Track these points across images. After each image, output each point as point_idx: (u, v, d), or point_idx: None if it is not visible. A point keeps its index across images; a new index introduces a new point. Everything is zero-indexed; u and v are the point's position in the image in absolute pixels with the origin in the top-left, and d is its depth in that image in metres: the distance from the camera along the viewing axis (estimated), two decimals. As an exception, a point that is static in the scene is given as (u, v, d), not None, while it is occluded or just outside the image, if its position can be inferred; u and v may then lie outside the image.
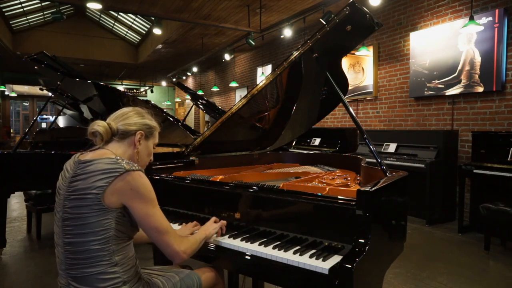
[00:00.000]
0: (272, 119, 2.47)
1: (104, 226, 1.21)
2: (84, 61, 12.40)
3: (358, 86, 6.32)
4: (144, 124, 1.42)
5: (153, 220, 1.25)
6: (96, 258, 1.21)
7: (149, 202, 1.25)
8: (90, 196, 1.21)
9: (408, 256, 3.41)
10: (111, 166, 1.23)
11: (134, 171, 1.24)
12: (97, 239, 1.21)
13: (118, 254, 1.25)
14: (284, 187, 1.63)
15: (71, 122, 6.22)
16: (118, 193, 1.22)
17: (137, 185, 1.23)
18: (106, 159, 1.27)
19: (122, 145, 1.38)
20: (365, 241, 1.24)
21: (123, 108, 1.45)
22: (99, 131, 1.32)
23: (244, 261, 1.42)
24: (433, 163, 4.41)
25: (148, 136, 1.44)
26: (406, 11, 5.53)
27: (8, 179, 3.27)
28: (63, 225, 1.25)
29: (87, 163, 1.27)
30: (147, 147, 1.45)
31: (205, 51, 9.80)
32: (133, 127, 1.39)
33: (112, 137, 1.37)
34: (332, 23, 1.74)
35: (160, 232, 1.26)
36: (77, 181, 1.25)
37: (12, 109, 15.99)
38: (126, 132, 1.37)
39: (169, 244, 1.27)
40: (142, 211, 1.23)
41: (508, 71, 4.28)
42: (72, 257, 1.23)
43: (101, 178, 1.22)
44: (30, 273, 3.06)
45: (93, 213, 1.21)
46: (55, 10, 6.10)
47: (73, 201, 1.23)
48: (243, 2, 6.58)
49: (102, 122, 1.35)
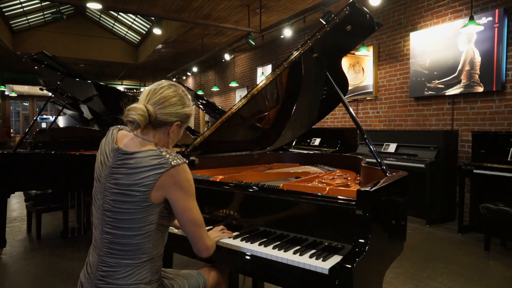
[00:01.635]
0: (272, 119, 2.47)
1: (148, 221, 1.21)
2: (84, 61, 12.41)
3: (358, 86, 6.32)
4: (184, 114, 1.33)
5: (192, 214, 1.26)
6: (137, 251, 1.21)
7: (190, 196, 1.25)
8: (136, 193, 1.19)
9: (408, 256, 3.41)
10: (157, 161, 1.20)
11: (180, 165, 1.21)
12: (141, 234, 1.21)
13: (155, 247, 1.25)
14: (284, 187, 1.63)
15: (71, 122, 6.21)
16: (163, 188, 1.20)
17: (181, 180, 1.22)
18: (150, 151, 1.22)
19: (157, 133, 1.31)
20: (365, 241, 1.24)
21: (162, 87, 1.30)
22: (138, 120, 1.22)
23: (244, 261, 1.42)
24: (433, 163, 4.41)
25: (182, 124, 1.37)
26: (406, 11, 5.53)
27: (8, 179, 3.27)
28: (104, 214, 1.23)
29: (129, 156, 1.22)
30: (178, 134, 1.40)
31: (205, 51, 9.80)
32: (172, 118, 1.30)
33: (148, 123, 1.27)
34: (332, 23, 1.74)
35: (196, 225, 1.27)
36: (119, 174, 1.21)
37: (12, 109, 16.00)
38: (165, 122, 1.29)
39: (202, 237, 1.29)
40: (184, 204, 1.23)
41: (508, 71, 4.28)
42: (111, 246, 1.22)
43: (149, 175, 1.19)
44: (30, 273, 3.06)
45: (138, 210, 1.20)
46: (55, 10, 6.11)
47: (116, 195, 1.21)
48: (243, 2, 6.58)
49: (141, 108, 1.23)
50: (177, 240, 1.62)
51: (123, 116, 1.25)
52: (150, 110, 1.25)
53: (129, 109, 1.23)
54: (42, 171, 3.43)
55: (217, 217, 1.70)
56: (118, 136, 1.32)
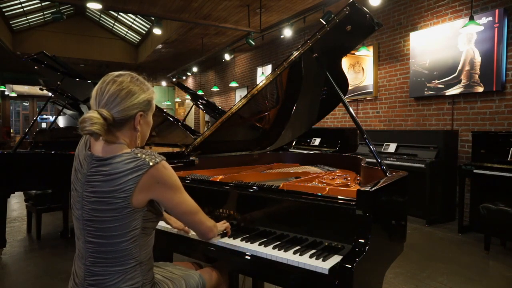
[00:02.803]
0: (272, 119, 2.47)
1: (132, 227, 1.16)
2: (84, 61, 12.40)
3: (358, 86, 6.32)
4: (143, 101, 1.22)
5: (185, 206, 1.27)
6: (124, 257, 1.17)
7: (177, 190, 1.23)
8: (117, 200, 1.13)
9: (408, 256, 3.41)
10: (133, 163, 1.14)
11: (158, 163, 1.17)
12: (125, 240, 1.16)
13: (143, 251, 1.22)
14: (284, 187, 1.63)
15: (71, 122, 6.22)
16: (145, 189, 1.15)
17: (164, 178, 1.18)
18: (124, 155, 1.15)
19: (124, 131, 1.21)
20: (365, 241, 1.24)
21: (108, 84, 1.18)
22: (95, 131, 1.10)
23: (244, 261, 1.42)
24: (433, 163, 4.41)
25: (146, 112, 1.26)
26: (406, 11, 5.53)
27: (8, 179, 3.27)
28: (85, 224, 1.18)
29: (103, 162, 1.16)
30: (147, 122, 1.29)
31: (205, 51, 9.80)
32: (131, 111, 1.19)
33: (110, 126, 1.16)
34: (332, 23, 1.74)
35: (192, 213, 1.30)
36: (96, 182, 1.15)
37: (12, 109, 16.00)
38: (125, 118, 1.19)
39: (202, 221, 1.32)
40: (174, 200, 1.23)
41: (508, 71, 4.28)
42: (96, 255, 1.18)
43: (127, 179, 1.13)
44: (30, 273, 3.05)
45: (120, 216, 1.14)
46: (55, 10, 6.11)
47: (96, 204, 1.15)
48: (243, 2, 6.58)
49: (94, 116, 1.10)
50: (176, 240, 1.62)
51: (79, 130, 1.13)
52: (104, 114, 1.13)
53: (82, 120, 1.10)
54: (42, 171, 3.43)
55: (217, 217, 1.70)
56: (92, 141, 1.23)
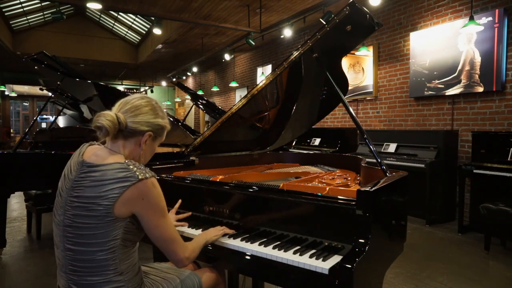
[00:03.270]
0: (272, 119, 2.47)
1: (111, 236, 1.15)
2: (84, 61, 12.40)
3: (358, 86, 6.32)
4: (156, 124, 1.30)
5: (163, 231, 1.21)
6: (102, 268, 1.16)
7: (159, 213, 1.19)
8: (99, 207, 1.13)
9: (408, 256, 3.41)
10: (123, 174, 1.14)
11: (148, 179, 1.16)
12: (103, 249, 1.15)
13: (124, 262, 1.20)
14: (284, 187, 1.63)
15: (71, 122, 6.22)
16: (129, 202, 1.14)
17: (149, 195, 1.16)
18: (116, 164, 1.17)
19: (128, 143, 1.27)
20: (365, 241, 1.24)
21: (133, 98, 1.29)
22: (106, 126, 1.18)
23: (244, 261, 1.42)
24: (433, 163, 4.41)
25: (156, 137, 1.33)
26: (406, 11, 5.53)
27: (8, 179, 3.27)
28: (64, 230, 1.18)
29: (94, 168, 1.18)
30: (152, 147, 1.35)
31: (205, 51, 9.80)
32: (143, 127, 1.26)
33: (119, 132, 1.24)
34: (332, 23, 1.74)
35: (167, 242, 1.23)
36: (82, 187, 1.16)
37: (12, 109, 16.00)
38: (135, 132, 1.26)
39: (176, 252, 1.25)
40: (153, 222, 1.19)
41: (508, 71, 4.28)
42: (74, 264, 1.17)
43: (113, 188, 1.13)
44: (30, 273, 3.05)
45: (100, 224, 1.14)
46: (55, 10, 6.10)
47: (77, 209, 1.15)
48: (243, 2, 6.58)
49: (110, 114, 1.20)
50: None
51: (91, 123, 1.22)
52: (120, 118, 1.22)
53: (98, 115, 1.20)
54: (42, 171, 3.42)
55: (217, 217, 1.70)
56: (87, 150, 1.27)
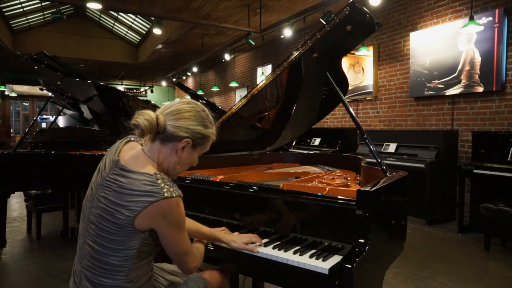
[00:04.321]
0: (272, 119, 2.47)
1: (128, 246, 1.14)
2: (84, 61, 12.40)
3: (358, 86, 6.32)
4: (197, 132, 1.22)
5: (179, 246, 1.20)
6: (113, 272, 1.16)
7: (179, 230, 1.18)
8: (120, 215, 1.12)
9: (408, 256, 3.41)
10: (149, 188, 1.11)
11: (173, 199, 1.12)
12: (117, 256, 1.15)
13: (135, 271, 1.19)
14: (284, 187, 1.63)
15: (71, 122, 6.21)
16: (150, 218, 1.12)
17: (172, 215, 1.14)
18: (145, 175, 1.13)
19: (164, 148, 1.21)
20: (365, 241, 1.24)
21: (178, 102, 1.24)
22: (142, 125, 1.13)
23: (244, 261, 1.42)
24: (433, 163, 4.41)
25: (196, 146, 1.25)
26: (406, 11, 5.53)
27: (8, 179, 3.27)
28: (88, 225, 1.19)
29: (124, 172, 1.15)
30: (191, 157, 1.27)
31: (205, 51, 9.80)
32: (182, 133, 1.20)
33: (157, 134, 1.19)
34: (332, 23, 1.74)
35: (182, 254, 1.23)
36: (110, 190, 1.15)
37: (12, 109, 15.99)
38: (173, 136, 1.19)
39: (187, 263, 1.25)
40: (171, 237, 1.17)
41: (508, 71, 4.28)
42: (90, 260, 1.17)
43: (136, 200, 1.11)
44: (30, 273, 3.05)
45: (119, 232, 1.13)
46: (55, 10, 6.10)
47: (102, 210, 1.15)
48: (243, 2, 6.58)
49: (149, 114, 1.15)
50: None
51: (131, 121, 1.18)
52: (159, 119, 1.17)
53: (139, 113, 1.16)
54: (42, 171, 3.43)
55: (217, 217, 1.70)
56: (124, 148, 1.25)
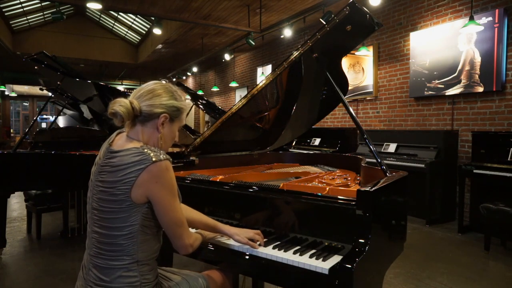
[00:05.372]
0: (272, 119, 2.47)
1: (130, 222, 1.20)
2: (84, 61, 12.41)
3: (358, 86, 6.32)
4: (171, 106, 1.30)
5: (173, 214, 1.23)
6: (120, 252, 1.20)
7: (172, 195, 1.23)
8: (118, 192, 1.18)
9: (408, 256, 3.41)
10: (138, 158, 1.19)
11: (161, 162, 1.20)
12: (123, 234, 1.20)
13: (142, 251, 1.23)
14: (284, 187, 1.63)
15: (71, 122, 6.21)
16: (143, 185, 1.18)
17: (163, 178, 1.20)
18: (133, 149, 1.22)
19: (146, 128, 1.29)
20: (365, 241, 1.24)
21: (146, 84, 1.32)
22: (120, 112, 1.21)
23: (244, 261, 1.42)
24: (433, 163, 4.41)
25: (173, 119, 1.33)
26: (406, 11, 5.53)
27: (8, 179, 3.27)
28: (92, 213, 1.25)
29: (114, 154, 1.23)
30: (171, 130, 1.35)
31: (205, 51, 9.80)
32: (158, 109, 1.28)
33: (135, 118, 1.27)
34: (332, 23, 1.74)
35: (176, 225, 1.25)
36: (105, 173, 1.22)
37: (12, 109, 16.00)
38: (150, 115, 1.28)
39: (182, 236, 1.27)
40: (165, 204, 1.22)
41: (508, 71, 4.28)
42: (98, 246, 1.23)
43: (128, 172, 1.18)
44: (30, 273, 3.05)
45: (120, 209, 1.19)
46: (55, 10, 6.11)
47: (101, 193, 1.22)
48: (243, 2, 6.58)
49: (124, 101, 1.23)
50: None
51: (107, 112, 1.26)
52: (133, 103, 1.25)
53: (113, 102, 1.24)
54: (42, 171, 3.43)
55: (217, 217, 1.70)
56: (116, 137, 1.33)
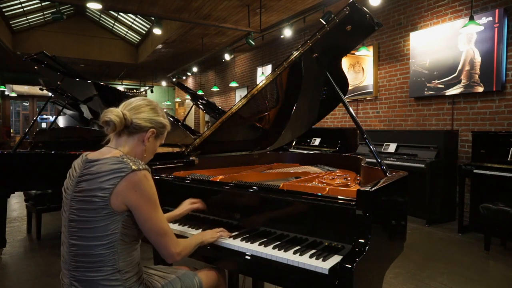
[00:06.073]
0: (272, 119, 2.47)
1: (110, 230, 1.19)
2: (84, 61, 12.40)
3: (358, 86, 6.32)
4: (159, 122, 1.37)
5: (154, 224, 1.23)
6: (100, 263, 1.19)
7: (152, 205, 1.22)
8: (96, 199, 1.18)
9: (408, 256, 3.41)
10: (117, 166, 1.20)
11: (140, 171, 1.21)
12: (102, 244, 1.19)
13: (122, 260, 1.22)
14: (284, 187, 1.63)
15: (71, 122, 6.22)
16: (122, 193, 1.18)
17: (141, 187, 1.20)
18: (112, 158, 1.23)
19: (131, 140, 1.33)
20: (365, 241, 1.24)
21: (136, 99, 1.38)
22: (113, 120, 1.26)
23: (244, 261, 1.42)
24: (433, 163, 4.41)
25: (158, 135, 1.40)
26: (406, 11, 5.53)
27: (8, 179, 3.27)
28: (69, 226, 1.24)
29: (93, 163, 1.24)
30: (154, 145, 1.42)
31: (205, 51, 9.79)
32: (147, 124, 1.34)
33: (124, 129, 1.31)
34: (332, 23, 1.74)
35: (159, 234, 1.25)
36: (83, 182, 1.22)
37: (12, 109, 15.99)
38: (139, 128, 1.32)
39: (167, 245, 1.26)
40: (145, 214, 1.21)
41: (508, 71, 4.28)
42: (76, 259, 1.21)
43: (107, 179, 1.18)
44: (30, 273, 3.05)
45: (100, 217, 1.18)
46: (55, 10, 6.10)
47: (80, 203, 1.21)
48: (243, 2, 6.58)
49: (117, 110, 1.28)
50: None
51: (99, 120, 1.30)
52: (126, 114, 1.29)
53: (106, 111, 1.27)
54: (42, 171, 3.42)
55: (217, 217, 1.70)
56: (89, 154, 1.34)
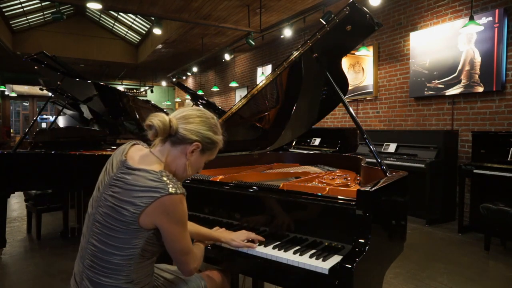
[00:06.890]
0: (272, 119, 2.47)
1: (132, 244, 1.16)
2: (84, 61, 12.40)
3: (358, 86, 6.32)
4: (206, 137, 1.28)
5: (181, 244, 1.21)
6: (115, 271, 1.17)
7: (181, 227, 1.19)
8: (126, 212, 1.14)
9: (408, 256, 3.41)
10: (154, 183, 1.14)
11: (177, 195, 1.14)
12: (121, 255, 1.16)
13: (137, 272, 1.20)
14: (284, 187, 1.63)
15: (71, 122, 6.21)
16: (153, 214, 1.14)
17: (175, 212, 1.15)
18: (151, 172, 1.16)
19: (174, 150, 1.26)
20: (365, 241, 1.24)
21: (190, 108, 1.31)
22: (156, 125, 1.19)
23: (244, 261, 1.42)
24: (433, 163, 4.41)
25: (204, 150, 1.30)
26: (406, 11, 5.53)
27: (8, 179, 3.27)
28: (94, 224, 1.20)
29: (130, 170, 1.18)
30: (199, 161, 1.32)
31: (205, 51, 9.79)
32: (192, 136, 1.25)
33: (169, 137, 1.24)
34: (332, 23, 1.74)
35: (183, 253, 1.23)
36: (117, 187, 1.18)
37: (12, 109, 15.99)
38: (183, 139, 1.24)
39: (188, 263, 1.25)
40: (173, 235, 1.18)
41: (508, 71, 4.28)
42: (93, 259, 1.19)
43: (141, 196, 1.13)
44: (30, 273, 3.05)
45: (125, 230, 1.15)
46: (55, 10, 6.11)
47: (109, 209, 1.17)
48: (243, 2, 6.58)
49: (163, 116, 1.21)
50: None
51: (144, 123, 1.23)
52: (172, 121, 1.22)
53: (153, 115, 1.21)
54: (42, 171, 3.43)
55: (217, 217, 1.70)
56: (131, 149, 1.28)
